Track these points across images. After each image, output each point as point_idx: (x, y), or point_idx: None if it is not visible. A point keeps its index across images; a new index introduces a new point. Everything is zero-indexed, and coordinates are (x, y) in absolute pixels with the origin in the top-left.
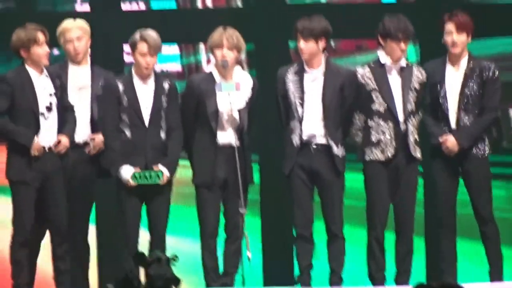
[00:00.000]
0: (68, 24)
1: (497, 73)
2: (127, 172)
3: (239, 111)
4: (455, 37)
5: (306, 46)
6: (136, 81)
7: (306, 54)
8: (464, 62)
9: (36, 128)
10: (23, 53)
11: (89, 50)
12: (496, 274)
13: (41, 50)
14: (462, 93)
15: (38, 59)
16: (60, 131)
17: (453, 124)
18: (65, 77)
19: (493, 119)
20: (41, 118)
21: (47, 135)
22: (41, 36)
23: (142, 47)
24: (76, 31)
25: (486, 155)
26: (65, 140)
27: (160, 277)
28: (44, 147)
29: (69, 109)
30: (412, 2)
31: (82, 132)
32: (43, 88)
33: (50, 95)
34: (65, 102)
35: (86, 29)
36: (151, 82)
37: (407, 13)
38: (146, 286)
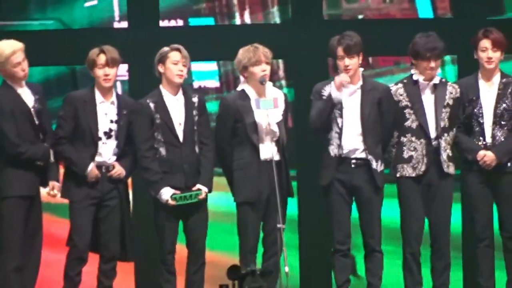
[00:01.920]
0: (14, 47)
1: None
2: (167, 194)
3: (277, 124)
4: (490, 53)
5: (351, 62)
6: (167, 97)
7: (352, 70)
8: (497, 78)
9: (94, 152)
10: (92, 75)
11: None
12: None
13: (100, 72)
14: (496, 108)
15: (98, 80)
16: (119, 159)
17: (488, 139)
18: (11, 100)
19: None
20: (99, 143)
21: (104, 159)
22: (101, 58)
23: (175, 56)
24: (20, 54)
25: None
26: (118, 168)
27: None
28: (100, 172)
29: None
30: (449, 17)
31: None
32: (104, 113)
33: (111, 121)
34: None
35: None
36: (180, 96)
37: (445, 28)
38: None
